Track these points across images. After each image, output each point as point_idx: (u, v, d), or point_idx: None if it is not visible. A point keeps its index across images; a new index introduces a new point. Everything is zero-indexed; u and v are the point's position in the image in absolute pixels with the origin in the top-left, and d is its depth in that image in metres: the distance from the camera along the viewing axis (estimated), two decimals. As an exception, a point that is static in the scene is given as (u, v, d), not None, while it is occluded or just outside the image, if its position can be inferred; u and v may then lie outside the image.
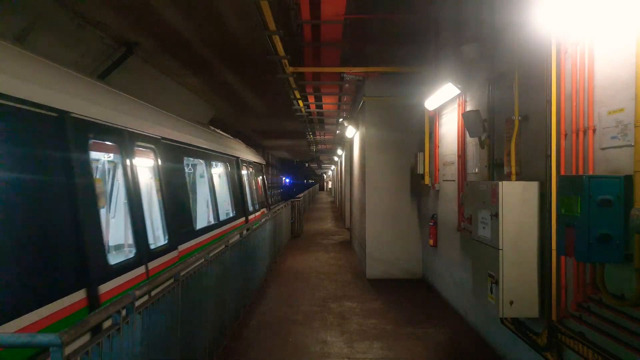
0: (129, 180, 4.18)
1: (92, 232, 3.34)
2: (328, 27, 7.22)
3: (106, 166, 4.85)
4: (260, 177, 12.50)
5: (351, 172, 13.44)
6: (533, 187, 3.69)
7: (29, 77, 2.93)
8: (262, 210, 11.35)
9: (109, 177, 4.99)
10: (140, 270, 4.06)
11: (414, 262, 8.16)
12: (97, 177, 4.51)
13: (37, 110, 2.91)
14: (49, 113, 3.04)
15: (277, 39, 5.95)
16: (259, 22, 5.35)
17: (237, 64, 10.28)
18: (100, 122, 3.68)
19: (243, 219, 8.93)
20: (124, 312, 2.40)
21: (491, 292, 3.78)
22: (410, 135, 8.09)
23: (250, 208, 9.83)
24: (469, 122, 4.80)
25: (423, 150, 7.43)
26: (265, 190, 13.18)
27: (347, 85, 9.79)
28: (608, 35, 2.87)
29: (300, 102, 10.37)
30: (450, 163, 6.29)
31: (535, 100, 3.69)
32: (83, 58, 7.85)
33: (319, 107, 12.67)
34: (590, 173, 2.96)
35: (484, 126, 4.68)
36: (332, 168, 42.13)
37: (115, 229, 4.97)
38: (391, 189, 8.21)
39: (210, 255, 4.21)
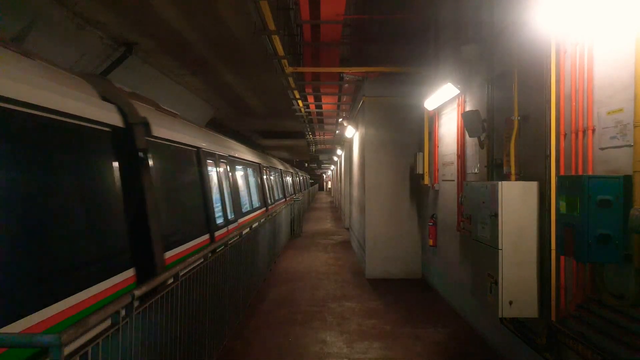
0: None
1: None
2: (328, 27, 7.23)
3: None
4: (304, 179, 33.33)
5: (351, 172, 13.45)
6: (532, 187, 3.69)
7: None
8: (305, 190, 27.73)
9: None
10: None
11: (413, 262, 8.16)
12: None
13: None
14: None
15: (276, 39, 5.95)
16: (258, 22, 5.36)
17: (237, 63, 10.29)
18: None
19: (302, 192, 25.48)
20: (123, 312, 2.40)
21: (491, 292, 3.78)
22: (409, 135, 8.09)
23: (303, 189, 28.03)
24: (468, 122, 4.80)
25: (422, 150, 7.44)
26: (307, 183, 35.90)
27: (346, 85, 9.81)
28: (607, 36, 2.87)
29: (299, 102, 10.38)
30: (449, 163, 6.30)
31: (535, 100, 3.69)
32: (82, 58, 7.85)
33: (319, 107, 12.68)
34: (590, 173, 2.97)
35: (483, 126, 4.68)
36: (331, 168, 42.12)
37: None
38: (390, 189, 8.21)
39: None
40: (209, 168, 6.43)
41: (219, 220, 6.42)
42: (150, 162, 4.12)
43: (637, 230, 2.33)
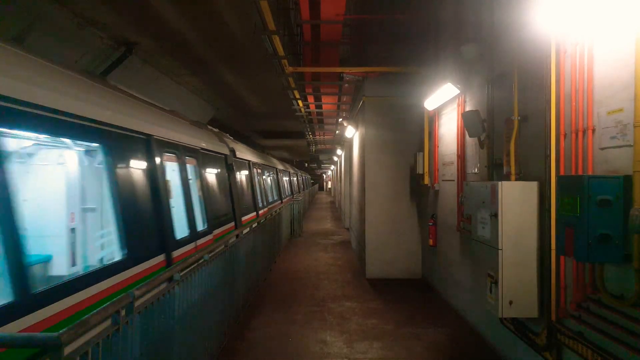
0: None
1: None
2: (328, 27, 7.23)
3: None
4: (306, 179, 36.22)
5: (351, 172, 13.45)
6: (532, 187, 3.69)
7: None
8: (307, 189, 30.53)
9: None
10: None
11: (413, 262, 8.16)
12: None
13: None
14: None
15: (276, 39, 5.95)
16: (258, 22, 5.36)
17: (237, 63, 10.29)
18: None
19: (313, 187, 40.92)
20: (123, 312, 2.40)
21: (491, 292, 3.78)
22: (409, 135, 8.09)
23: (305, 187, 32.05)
24: (468, 122, 4.80)
25: (422, 150, 7.44)
26: (308, 183, 38.65)
27: (346, 85, 9.80)
28: (607, 36, 2.87)
29: (299, 102, 10.37)
30: (449, 163, 6.30)
31: (535, 100, 3.69)
32: (83, 58, 7.85)
33: (319, 107, 12.68)
34: (590, 173, 2.97)
35: (483, 126, 4.68)
36: (331, 168, 42.13)
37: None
38: (390, 189, 8.21)
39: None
40: (255, 172, 10.93)
41: (260, 204, 10.96)
42: (235, 171, 8.39)
43: (637, 230, 2.33)
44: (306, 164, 46.93)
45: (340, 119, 13.89)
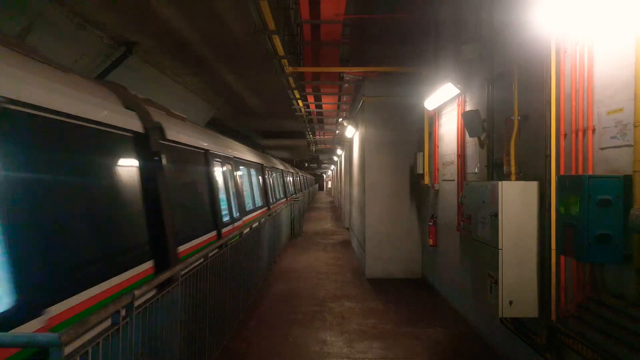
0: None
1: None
2: (328, 27, 7.23)
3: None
4: (307, 179, 39.97)
5: (351, 172, 13.45)
6: (532, 187, 3.69)
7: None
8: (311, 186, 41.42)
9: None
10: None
11: (413, 262, 8.16)
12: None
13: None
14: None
15: (276, 39, 5.94)
16: (258, 22, 5.35)
17: (237, 63, 10.28)
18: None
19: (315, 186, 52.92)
20: (123, 312, 2.39)
21: (491, 292, 3.78)
22: (409, 135, 8.09)
23: (308, 187, 36.98)
24: (468, 122, 4.80)
25: (422, 150, 7.43)
26: (309, 183, 42.39)
27: (346, 85, 9.80)
28: (608, 35, 2.87)
29: (299, 102, 10.37)
30: (449, 163, 6.29)
31: (535, 100, 3.69)
32: (82, 58, 7.84)
33: (319, 107, 12.67)
34: (590, 173, 2.97)
35: (483, 126, 4.68)
36: (331, 168, 42.14)
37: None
38: (391, 189, 8.21)
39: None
40: (281, 175, 17.06)
41: (287, 195, 17.72)
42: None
43: (637, 230, 2.33)
44: (306, 164, 46.95)
45: (340, 119, 13.88)
